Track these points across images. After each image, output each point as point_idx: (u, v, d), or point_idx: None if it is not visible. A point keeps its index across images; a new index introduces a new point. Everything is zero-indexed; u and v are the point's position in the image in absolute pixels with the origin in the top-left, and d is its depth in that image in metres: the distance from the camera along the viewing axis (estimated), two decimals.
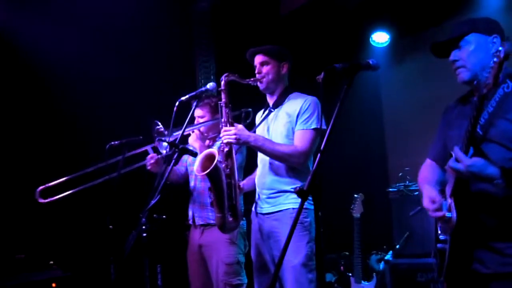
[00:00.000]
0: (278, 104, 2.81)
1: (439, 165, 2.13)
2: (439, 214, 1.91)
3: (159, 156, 3.17)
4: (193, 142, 3.17)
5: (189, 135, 3.23)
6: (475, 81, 1.95)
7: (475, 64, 1.94)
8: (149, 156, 3.14)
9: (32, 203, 4.07)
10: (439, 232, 2.00)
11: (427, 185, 2.07)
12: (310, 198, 1.78)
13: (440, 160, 2.11)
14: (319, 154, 1.69)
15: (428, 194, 1.99)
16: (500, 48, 1.74)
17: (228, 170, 2.73)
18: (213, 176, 2.74)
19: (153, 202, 2.35)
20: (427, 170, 2.17)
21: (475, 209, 1.87)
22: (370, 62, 1.85)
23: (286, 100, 2.80)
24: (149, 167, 3.18)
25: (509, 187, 1.76)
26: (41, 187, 3.27)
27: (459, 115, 2.03)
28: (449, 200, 1.90)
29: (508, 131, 1.84)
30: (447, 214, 1.89)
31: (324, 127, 2.55)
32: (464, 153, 1.78)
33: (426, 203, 1.98)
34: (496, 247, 1.84)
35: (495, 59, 1.74)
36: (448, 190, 1.94)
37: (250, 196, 2.96)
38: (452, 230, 1.87)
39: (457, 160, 1.79)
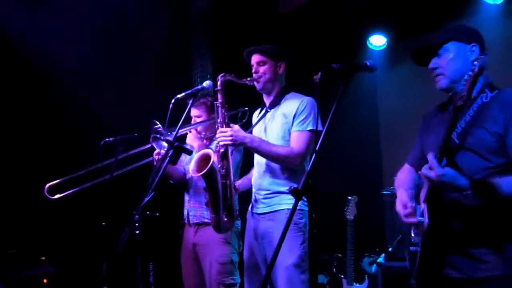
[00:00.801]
0: (275, 104, 2.81)
1: (415, 169, 2.15)
2: (411, 220, 1.94)
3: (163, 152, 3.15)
4: (192, 141, 3.17)
5: (186, 134, 3.23)
6: (451, 92, 1.98)
7: (453, 72, 1.96)
8: (155, 152, 3.12)
9: (25, 199, 4.08)
10: (413, 235, 2.01)
11: (401, 189, 2.09)
12: (306, 199, 1.78)
13: (416, 164, 2.13)
14: (314, 154, 1.69)
15: (401, 199, 2.01)
16: (475, 62, 1.78)
17: (223, 170, 2.73)
18: (209, 177, 2.75)
19: (146, 199, 2.34)
20: (404, 174, 2.20)
21: (447, 216, 1.89)
22: (368, 63, 1.86)
23: (283, 100, 2.80)
24: (156, 163, 3.15)
25: (478, 197, 1.77)
26: (49, 184, 3.24)
27: (438, 122, 2.05)
28: (423, 205, 1.92)
29: (484, 140, 1.85)
30: (420, 219, 1.91)
31: (320, 128, 2.55)
32: (437, 162, 1.80)
33: (398, 207, 2.01)
34: (469, 252, 1.86)
35: (469, 73, 1.77)
36: (422, 195, 1.96)
37: (245, 195, 2.96)
38: (424, 235, 1.89)
39: (430, 168, 1.80)
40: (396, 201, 2.03)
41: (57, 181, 3.28)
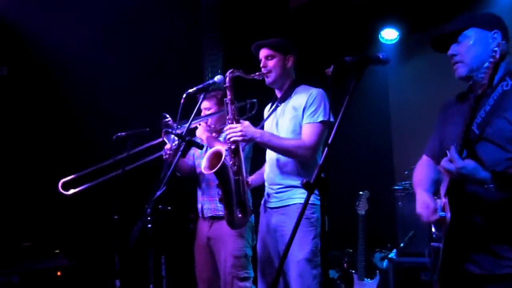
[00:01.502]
0: (285, 98, 2.78)
1: (434, 161, 2.10)
2: (434, 217, 1.90)
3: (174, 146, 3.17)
4: (201, 134, 3.18)
5: (196, 128, 3.24)
6: (471, 81, 1.92)
7: (473, 59, 1.90)
8: (166, 147, 3.13)
9: (39, 193, 4.12)
10: (434, 230, 1.98)
11: (421, 190, 2.04)
12: (318, 193, 1.77)
13: (436, 157, 2.08)
14: (326, 148, 1.68)
15: (422, 199, 1.97)
16: (496, 49, 1.70)
17: (235, 167, 2.71)
18: (221, 174, 2.74)
19: (158, 193, 2.35)
20: (422, 169, 2.15)
21: (469, 210, 1.84)
22: (380, 56, 1.82)
23: (293, 94, 2.77)
24: (166, 157, 3.16)
25: (500, 191, 1.73)
26: (63, 180, 3.28)
27: (457, 112, 2.00)
28: (444, 200, 1.88)
29: (504, 130, 1.80)
30: (441, 214, 1.87)
31: (332, 119, 2.53)
32: (458, 154, 1.75)
33: (419, 208, 1.96)
34: (491, 248, 1.82)
35: (490, 59, 1.70)
36: (442, 189, 1.92)
37: (259, 190, 2.95)
38: (446, 230, 1.85)
39: (450, 161, 1.76)
40: (417, 203, 1.99)
41: (71, 177, 3.31)
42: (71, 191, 3.31)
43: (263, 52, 2.80)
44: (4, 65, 4.23)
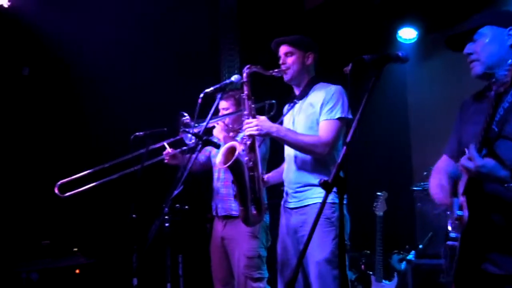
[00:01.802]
0: (303, 95, 2.75)
1: (454, 161, 2.07)
2: (447, 200, 1.90)
3: (177, 150, 3.20)
4: (218, 133, 3.18)
5: (214, 127, 3.24)
6: (493, 79, 1.88)
7: (489, 57, 1.88)
8: (165, 152, 3.18)
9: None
10: (450, 229, 1.95)
11: (435, 174, 2.05)
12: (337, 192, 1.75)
13: (455, 156, 2.05)
14: (344, 147, 1.66)
15: (436, 181, 1.98)
16: None
17: (251, 163, 2.69)
18: (235, 169, 2.72)
19: (176, 192, 2.36)
20: (441, 166, 2.13)
21: (487, 209, 1.81)
22: (400, 54, 1.79)
23: (311, 91, 2.74)
24: (166, 161, 3.22)
25: None
26: (60, 182, 3.33)
27: (475, 111, 1.97)
28: (461, 198, 1.85)
29: None
30: (459, 212, 1.84)
31: (350, 116, 2.49)
32: (477, 152, 1.73)
33: (433, 189, 1.98)
34: (510, 248, 1.78)
35: None
36: (461, 187, 1.89)
37: (276, 190, 2.94)
38: (464, 229, 1.82)
39: (469, 159, 1.74)
40: (430, 185, 1.97)
41: (87, 171, 3.34)
42: (87, 186, 3.34)
43: (282, 49, 2.77)
44: (26, 65, 4.31)
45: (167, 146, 2.96)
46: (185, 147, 3.14)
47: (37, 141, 4.30)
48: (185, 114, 2.91)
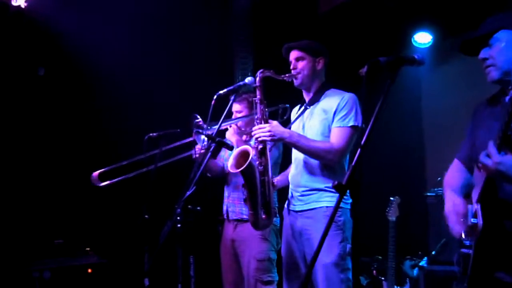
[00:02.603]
0: (314, 101, 2.76)
1: (466, 166, 2.07)
2: (461, 228, 1.88)
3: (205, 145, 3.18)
4: (231, 136, 3.19)
5: (227, 129, 3.25)
6: (510, 86, 1.87)
7: (505, 62, 1.86)
8: (197, 146, 3.14)
9: (72, 192, 4.21)
10: (463, 237, 1.93)
11: (450, 190, 2.01)
12: (347, 196, 1.74)
13: (467, 161, 2.04)
14: (359, 149, 1.65)
15: (452, 201, 1.95)
16: None
17: (262, 167, 2.71)
18: (247, 173, 2.74)
19: (188, 193, 2.37)
20: (453, 172, 2.11)
21: (502, 217, 1.79)
22: (416, 56, 1.79)
23: (322, 97, 2.75)
24: (196, 156, 3.16)
25: None
26: (98, 171, 3.35)
27: (488, 115, 1.96)
28: (476, 206, 1.83)
29: None
30: (473, 220, 1.82)
31: (362, 125, 2.49)
32: (496, 150, 1.71)
33: (448, 209, 1.94)
34: None
35: None
36: (475, 195, 1.87)
37: (284, 193, 2.94)
38: (478, 237, 1.80)
39: (488, 156, 1.72)
40: (446, 204, 1.96)
41: (104, 169, 3.36)
42: (105, 182, 3.36)
43: (293, 54, 2.79)
44: (42, 65, 4.36)
45: (197, 141, 2.96)
46: (193, 151, 3.13)
47: (51, 141, 4.34)
48: (198, 116, 2.93)
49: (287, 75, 2.75)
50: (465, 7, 4.60)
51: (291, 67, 2.78)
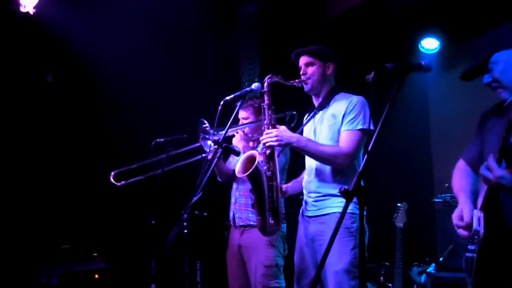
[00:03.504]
0: (323, 105, 2.75)
1: (472, 168, 2.09)
2: (464, 233, 1.91)
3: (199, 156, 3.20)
4: (237, 142, 3.18)
5: (233, 136, 3.25)
6: None
7: (510, 80, 1.90)
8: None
9: (79, 197, 4.23)
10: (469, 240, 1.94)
11: (464, 196, 2.02)
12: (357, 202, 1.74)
13: (473, 163, 2.07)
14: (366, 155, 1.65)
15: (462, 207, 1.96)
16: None
17: (269, 172, 2.69)
18: (254, 178, 2.72)
19: (195, 199, 2.37)
20: (461, 175, 2.13)
21: (505, 224, 1.81)
22: (423, 62, 1.79)
23: (332, 101, 2.74)
24: (208, 156, 3.17)
25: None
26: (115, 171, 3.35)
27: (497, 120, 1.98)
28: (479, 213, 1.84)
29: None
30: (476, 228, 1.84)
31: (372, 127, 2.48)
32: (497, 163, 1.73)
33: (455, 217, 1.96)
34: None
35: None
36: (479, 202, 1.88)
37: (294, 199, 2.93)
38: (480, 244, 1.82)
39: (488, 169, 1.73)
40: (457, 209, 1.97)
41: (120, 170, 3.37)
42: (122, 182, 3.36)
43: (302, 60, 2.78)
44: (50, 71, 4.40)
45: (203, 146, 2.97)
46: (204, 154, 3.14)
47: (58, 147, 4.37)
48: (205, 121, 2.93)
49: (296, 80, 2.74)
50: (472, 13, 4.59)
51: (301, 72, 2.76)
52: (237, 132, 3.23)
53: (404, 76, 1.75)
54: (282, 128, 2.65)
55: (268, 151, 2.68)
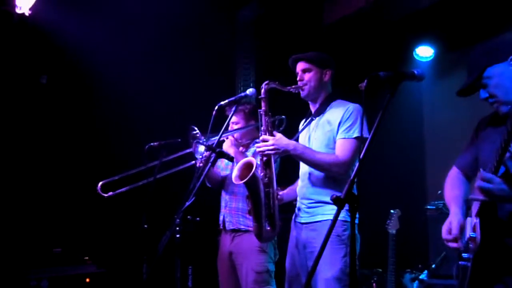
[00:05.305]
0: (320, 112, 2.75)
1: (465, 175, 2.10)
2: (453, 245, 1.91)
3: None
4: (228, 148, 3.16)
5: (223, 141, 3.25)
6: None
7: (505, 94, 1.90)
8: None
9: (71, 201, 4.21)
10: (462, 249, 1.94)
11: (455, 207, 2.02)
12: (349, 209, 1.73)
13: (466, 171, 2.08)
14: (357, 163, 1.65)
15: (450, 220, 1.96)
16: None
17: (266, 179, 2.69)
18: (251, 185, 2.72)
19: (187, 203, 2.36)
20: (453, 183, 2.13)
21: (500, 232, 1.80)
22: (415, 71, 1.80)
23: (328, 108, 2.74)
24: (199, 164, 3.17)
25: None
26: (102, 182, 3.34)
27: (493, 129, 1.98)
28: (475, 220, 1.84)
29: None
30: (471, 234, 1.83)
31: (366, 135, 2.48)
32: (495, 171, 1.74)
33: (444, 231, 1.96)
34: None
35: None
36: (474, 208, 1.88)
37: (285, 204, 2.92)
38: (476, 251, 1.82)
39: (488, 181, 1.74)
40: (446, 221, 1.97)
41: (105, 180, 3.36)
42: (109, 193, 3.35)
43: (300, 66, 2.78)
44: (44, 73, 4.38)
45: (194, 152, 2.96)
46: (194, 161, 3.13)
47: (51, 150, 4.35)
48: (195, 128, 2.93)
49: (293, 86, 2.73)
50: (467, 22, 4.62)
51: (298, 78, 2.76)
52: (227, 138, 3.23)
53: (397, 85, 1.75)
54: (279, 135, 2.65)
55: (265, 158, 2.68)
